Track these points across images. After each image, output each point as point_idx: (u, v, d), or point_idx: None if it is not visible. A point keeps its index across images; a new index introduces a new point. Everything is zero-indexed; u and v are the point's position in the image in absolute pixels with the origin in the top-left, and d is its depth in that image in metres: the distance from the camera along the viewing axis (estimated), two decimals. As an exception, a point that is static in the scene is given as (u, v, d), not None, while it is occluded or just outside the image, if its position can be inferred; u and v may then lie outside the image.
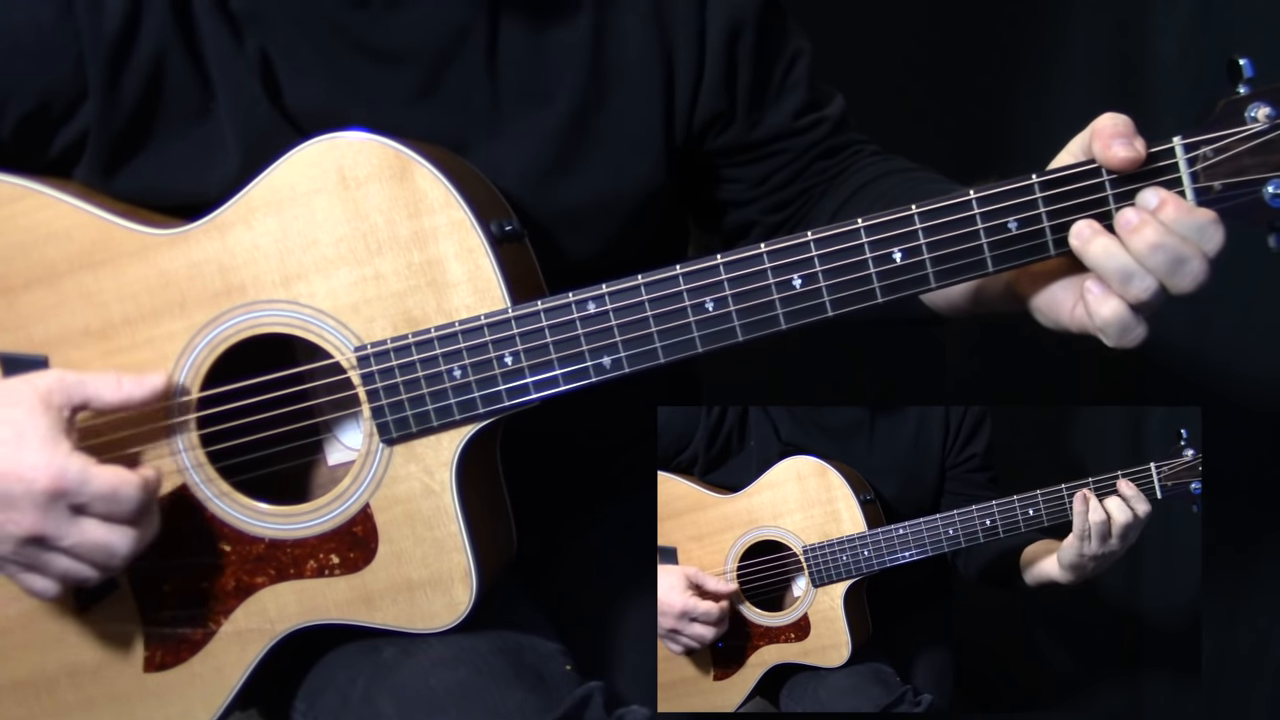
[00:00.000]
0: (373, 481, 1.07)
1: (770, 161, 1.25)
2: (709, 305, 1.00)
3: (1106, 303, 0.94)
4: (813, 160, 1.26)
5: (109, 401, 1.04)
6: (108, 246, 1.07)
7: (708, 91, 1.19)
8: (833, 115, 1.26)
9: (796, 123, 1.24)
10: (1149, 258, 0.91)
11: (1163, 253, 0.91)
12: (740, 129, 1.22)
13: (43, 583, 1.03)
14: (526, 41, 1.14)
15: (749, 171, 1.26)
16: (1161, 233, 0.91)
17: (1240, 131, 0.90)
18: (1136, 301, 0.93)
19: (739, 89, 1.20)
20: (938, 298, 1.11)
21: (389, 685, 1.09)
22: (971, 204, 0.95)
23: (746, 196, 1.27)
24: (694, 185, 1.27)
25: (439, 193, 1.03)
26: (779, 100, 1.23)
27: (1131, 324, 0.94)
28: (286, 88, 1.11)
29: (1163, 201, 0.91)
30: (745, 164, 1.26)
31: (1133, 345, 0.95)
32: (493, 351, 1.03)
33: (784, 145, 1.25)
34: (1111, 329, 0.94)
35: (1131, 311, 0.93)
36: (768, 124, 1.23)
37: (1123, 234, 0.92)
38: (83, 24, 1.06)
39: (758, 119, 1.22)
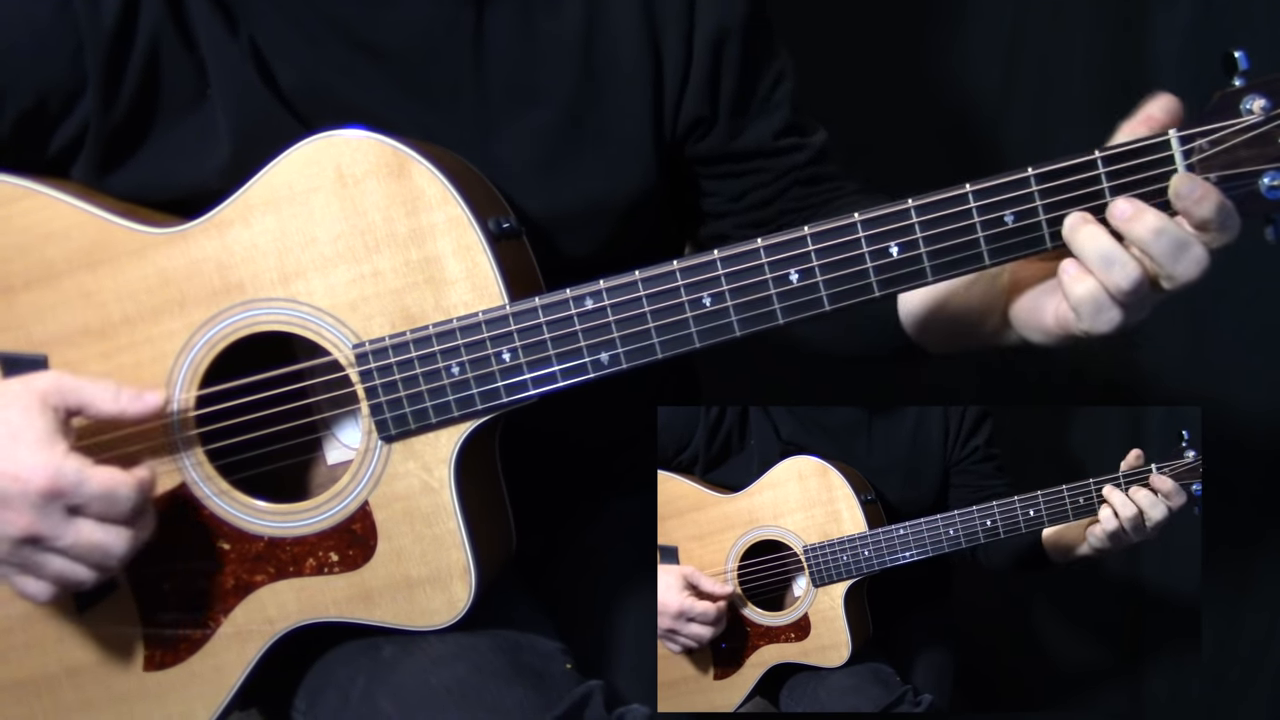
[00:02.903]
0: (371, 479, 1.07)
1: (749, 178, 1.25)
2: (706, 301, 1.00)
3: (1082, 281, 0.93)
4: (791, 185, 1.26)
5: (104, 412, 1.03)
6: (107, 246, 1.07)
7: (692, 95, 1.19)
8: (815, 144, 1.27)
9: (777, 141, 1.24)
10: (1153, 243, 0.91)
11: (1165, 237, 0.91)
12: (720, 136, 1.22)
13: (36, 585, 1.02)
14: (515, 37, 1.15)
15: (727, 185, 1.26)
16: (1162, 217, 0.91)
17: (1236, 123, 0.90)
18: (1117, 290, 0.92)
19: (722, 95, 1.20)
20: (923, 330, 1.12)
21: (389, 683, 1.09)
22: (968, 197, 0.95)
23: (722, 209, 1.27)
24: (672, 191, 1.27)
25: (437, 190, 1.03)
26: (761, 114, 1.23)
27: (1105, 304, 0.93)
28: (278, 73, 1.11)
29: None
30: (723, 176, 1.26)
31: (1107, 329, 0.94)
32: (491, 348, 1.03)
33: (763, 164, 1.25)
34: (1085, 307, 0.94)
35: (1106, 293, 0.93)
36: (748, 136, 1.23)
37: (1120, 222, 0.92)
38: (80, 18, 1.06)
39: (739, 128, 1.23)
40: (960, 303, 1.08)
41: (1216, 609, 1.87)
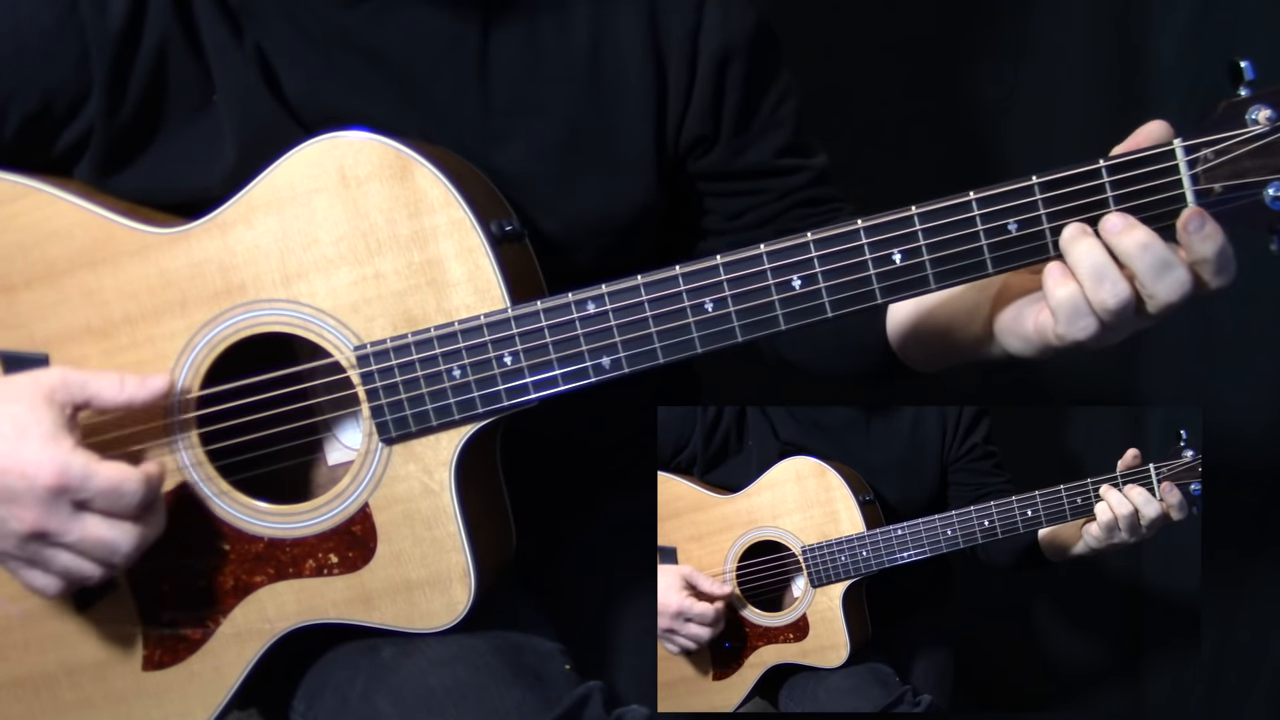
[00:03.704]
0: (372, 481, 1.07)
1: (747, 198, 1.25)
2: (708, 306, 0.99)
3: (1065, 284, 0.93)
4: (790, 206, 1.25)
5: (111, 402, 1.03)
6: (108, 245, 1.07)
7: (695, 114, 1.19)
8: (815, 166, 1.26)
9: (778, 161, 1.24)
10: (1138, 258, 0.91)
11: (1150, 253, 0.91)
12: (722, 155, 1.22)
13: (44, 579, 1.03)
14: (520, 53, 1.15)
15: (725, 204, 1.25)
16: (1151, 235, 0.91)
17: (1241, 134, 0.90)
18: (1102, 306, 0.92)
19: (725, 114, 1.20)
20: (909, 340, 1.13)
21: (388, 685, 1.09)
22: (971, 205, 0.94)
23: (719, 227, 1.27)
24: (671, 207, 1.26)
25: (439, 192, 1.03)
26: (764, 133, 1.23)
27: (1083, 309, 0.93)
28: (283, 79, 1.11)
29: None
30: (722, 195, 1.25)
31: (1083, 336, 0.94)
32: (492, 351, 1.03)
33: (763, 183, 1.24)
34: (1064, 311, 0.94)
35: (1086, 300, 0.93)
36: (749, 156, 1.23)
37: (1110, 235, 0.92)
38: (87, 22, 1.06)
39: (740, 147, 1.22)
40: (947, 313, 1.08)
41: (1216, 609, 1.87)
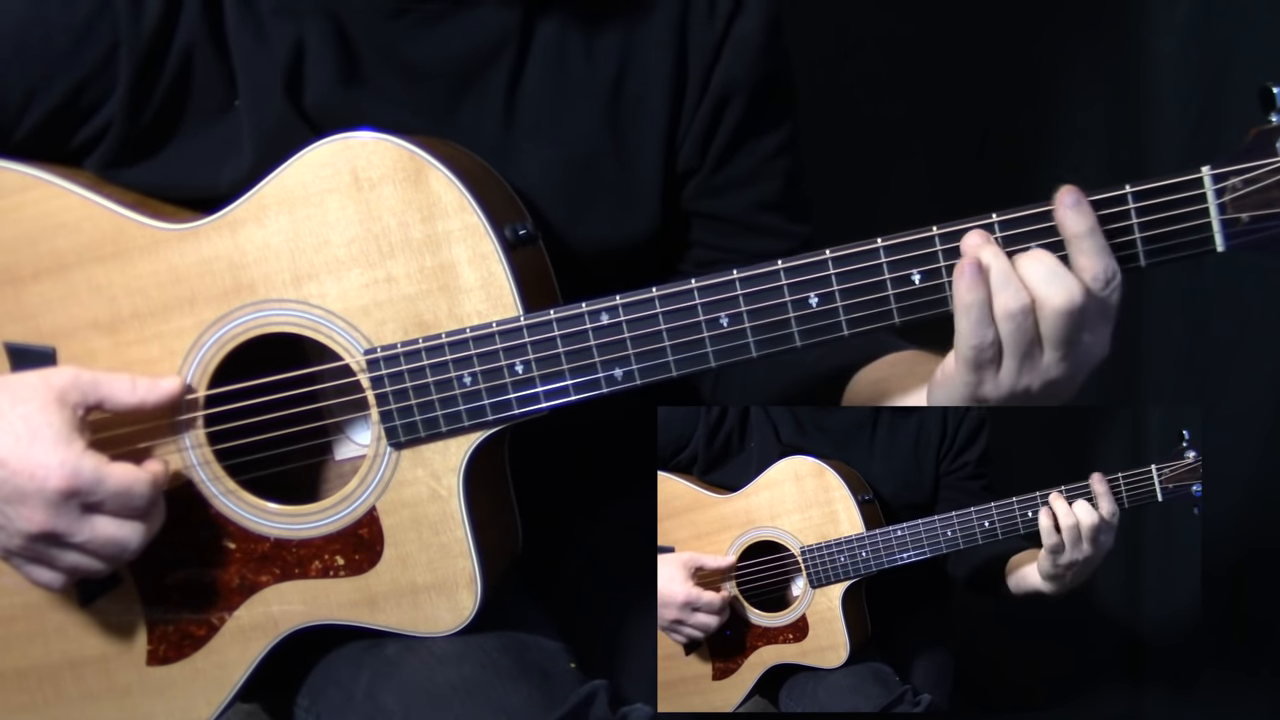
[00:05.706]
0: (380, 484, 1.06)
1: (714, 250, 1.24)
2: (724, 320, 0.99)
3: (974, 290, 0.93)
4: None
5: (123, 404, 1.03)
6: (118, 240, 1.06)
7: (689, 144, 1.19)
8: (798, 234, 1.25)
9: (759, 217, 1.23)
10: (1031, 272, 0.92)
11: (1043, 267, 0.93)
12: (697, 190, 1.21)
13: (49, 575, 1.03)
14: (549, 75, 1.14)
15: (696, 253, 1.25)
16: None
17: (1271, 163, 0.89)
18: (1004, 310, 0.92)
19: (711, 149, 1.20)
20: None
21: (393, 681, 1.09)
22: (994, 227, 0.94)
23: (686, 270, 1.26)
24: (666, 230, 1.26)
25: (453, 197, 1.01)
26: (748, 182, 1.22)
27: (987, 318, 0.93)
28: (309, 86, 1.10)
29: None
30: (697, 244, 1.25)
31: (977, 341, 0.94)
32: (504, 360, 1.02)
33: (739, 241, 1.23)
34: (967, 316, 0.93)
35: (989, 309, 0.93)
36: (726, 201, 1.22)
37: None
38: (121, 22, 1.06)
39: (719, 187, 1.21)
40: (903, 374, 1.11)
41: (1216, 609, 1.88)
